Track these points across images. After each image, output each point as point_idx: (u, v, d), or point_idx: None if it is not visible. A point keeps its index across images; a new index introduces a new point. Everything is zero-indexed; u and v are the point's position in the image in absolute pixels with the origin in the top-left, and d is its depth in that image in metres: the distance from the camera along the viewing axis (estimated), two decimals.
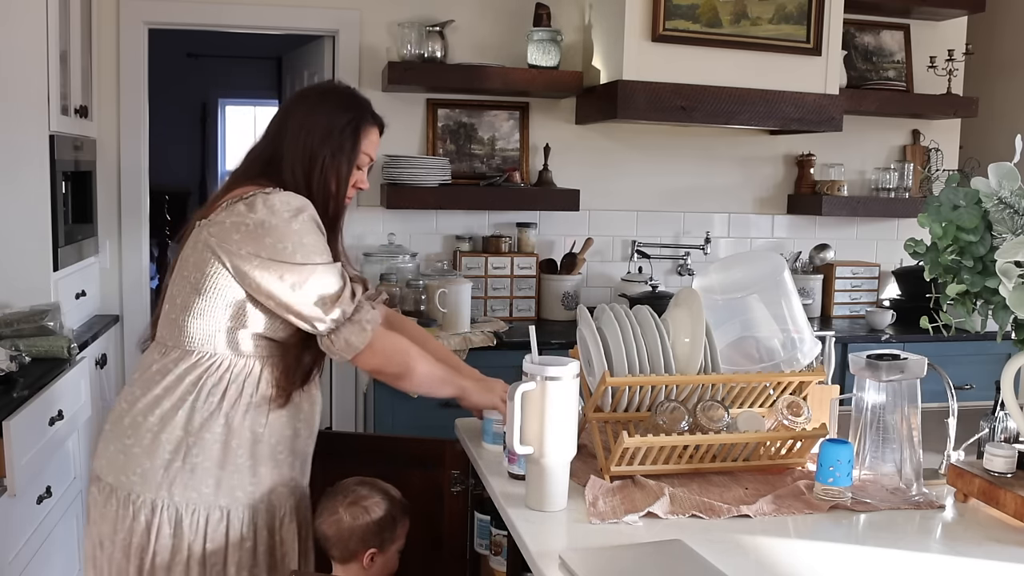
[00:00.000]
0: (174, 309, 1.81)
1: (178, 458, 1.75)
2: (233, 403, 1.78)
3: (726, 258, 3.02)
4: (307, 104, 1.90)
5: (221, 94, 8.06)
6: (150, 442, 1.76)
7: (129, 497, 1.76)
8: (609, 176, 3.94)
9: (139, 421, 1.77)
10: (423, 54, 3.56)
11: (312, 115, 1.85)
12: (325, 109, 1.86)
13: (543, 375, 1.63)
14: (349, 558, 1.86)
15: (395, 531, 1.90)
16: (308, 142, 1.83)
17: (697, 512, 1.66)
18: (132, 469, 1.76)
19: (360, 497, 1.87)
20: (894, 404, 1.77)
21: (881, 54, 4.16)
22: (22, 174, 2.91)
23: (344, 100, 1.91)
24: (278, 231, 1.72)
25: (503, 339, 3.29)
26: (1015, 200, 1.62)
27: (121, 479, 1.77)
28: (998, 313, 1.66)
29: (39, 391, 2.51)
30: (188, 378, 1.77)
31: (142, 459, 1.76)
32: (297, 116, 1.87)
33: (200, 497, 1.77)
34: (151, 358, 1.83)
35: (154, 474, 1.75)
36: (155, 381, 1.78)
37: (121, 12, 3.57)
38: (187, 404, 1.76)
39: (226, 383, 1.77)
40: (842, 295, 4.05)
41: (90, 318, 3.48)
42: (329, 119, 1.85)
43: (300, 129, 1.84)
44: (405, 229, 3.76)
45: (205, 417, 1.76)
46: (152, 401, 1.77)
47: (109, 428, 1.83)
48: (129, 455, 1.77)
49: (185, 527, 1.76)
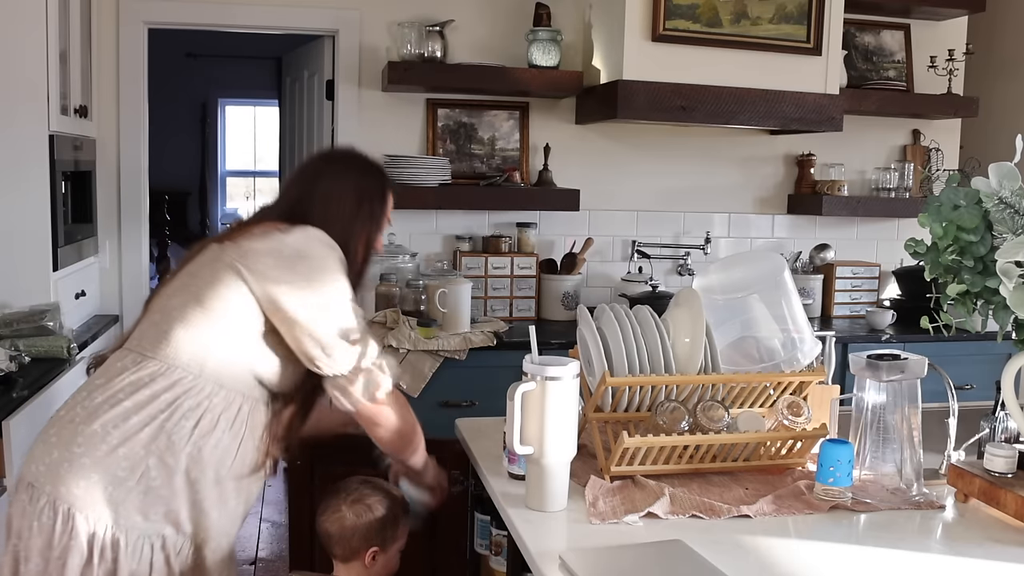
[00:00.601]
0: (166, 319, 1.71)
1: (132, 477, 1.62)
2: (204, 434, 1.67)
3: (726, 258, 3.02)
4: (334, 171, 1.92)
5: (221, 94, 8.07)
6: (104, 455, 1.62)
7: (69, 512, 1.61)
8: (609, 176, 3.94)
9: (96, 431, 1.63)
10: (423, 54, 3.56)
11: (340, 181, 1.88)
12: (352, 176, 1.90)
13: (543, 375, 1.63)
14: (351, 556, 1.86)
15: (397, 530, 1.90)
16: (339, 210, 1.85)
17: (697, 512, 1.66)
18: (75, 481, 1.61)
19: (363, 496, 1.87)
20: (894, 404, 1.77)
21: (881, 54, 4.16)
22: (22, 174, 2.91)
23: (368, 167, 1.95)
24: (314, 260, 1.72)
25: (503, 339, 3.29)
26: (1015, 200, 1.62)
27: (61, 490, 1.61)
28: (998, 313, 1.66)
29: (39, 391, 2.51)
30: (164, 396, 1.65)
31: (89, 471, 1.61)
32: (324, 182, 1.88)
33: (146, 523, 1.64)
34: (120, 365, 1.70)
35: (100, 490, 1.61)
36: (125, 392, 1.66)
37: (121, 12, 3.57)
38: (156, 422, 1.64)
39: (202, 411, 1.67)
40: (842, 295, 4.05)
41: (90, 318, 3.48)
42: (358, 187, 1.89)
43: (329, 197, 1.86)
44: (405, 229, 3.76)
45: (172, 440, 1.64)
46: (118, 414, 1.64)
47: (54, 432, 1.68)
48: (75, 465, 1.62)
49: (124, 554, 1.63)
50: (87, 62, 3.41)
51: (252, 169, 8.35)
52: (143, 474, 1.63)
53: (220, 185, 8.18)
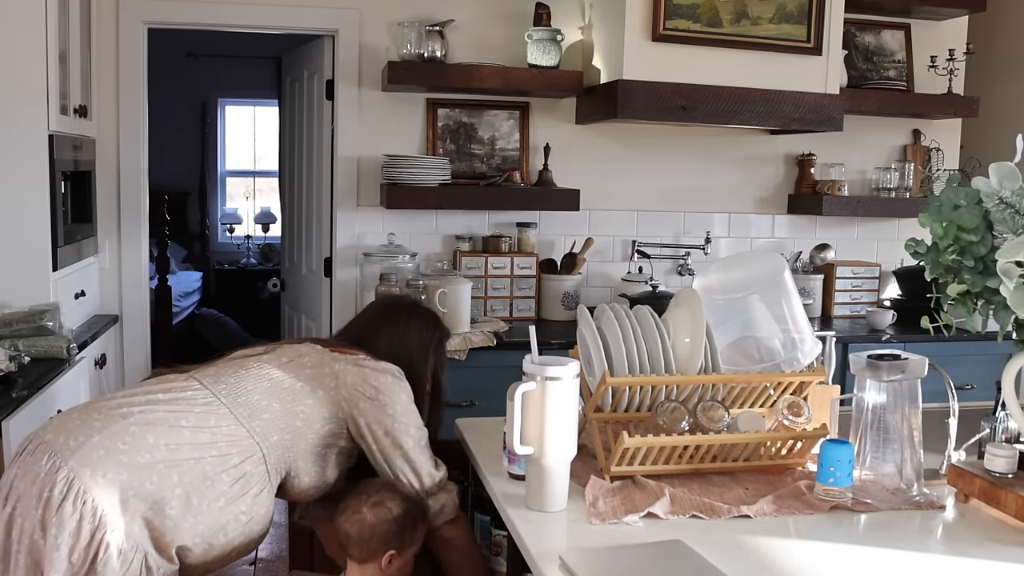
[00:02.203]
0: (265, 396, 1.86)
1: (155, 495, 1.68)
2: (233, 499, 1.77)
3: (726, 258, 3.02)
4: (391, 322, 2.12)
5: (221, 94, 8.05)
6: (143, 465, 1.68)
7: (83, 493, 1.63)
8: (609, 176, 3.94)
9: (148, 442, 1.71)
10: (423, 54, 3.56)
11: (403, 335, 2.10)
12: (414, 331, 2.12)
13: (543, 375, 1.63)
14: (368, 558, 1.86)
15: (415, 534, 1.89)
16: (403, 358, 2.04)
17: (697, 512, 1.66)
18: (103, 472, 1.65)
19: (384, 498, 1.87)
20: (895, 404, 1.77)
21: (882, 54, 4.16)
22: (22, 174, 2.91)
23: (429, 318, 2.18)
24: (402, 399, 1.94)
25: (503, 339, 3.29)
26: (1016, 200, 1.62)
27: (85, 472, 1.64)
28: (999, 313, 1.66)
29: (38, 391, 2.51)
30: (228, 453, 1.77)
31: (121, 470, 1.66)
32: (384, 334, 2.09)
33: (141, 537, 1.68)
34: (189, 395, 1.80)
35: (120, 491, 1.65)
36: (188, 423, 1.75)
37: (120, 11, 3.56)
38: (202, 464, 1.74)
39: (244, 477, 1.79)
40: (842, 295, 4.05)
41: (89, 318, 3.48)
42: (420, 339, 2.11)
43: (392, 347, 2.06)
44: (405, 229, 3.75)
45: (207, 486, 1.74)
46: (175, 440, 1.73)
47: (99, 418, 1.72)
48: (111, 458, 1.67)
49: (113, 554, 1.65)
50: (87, 62, 3.41)
51: (252, 169, 8.34)
52: (164, 498, 1.69)
53: (220, 185, 8.17)
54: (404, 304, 2.26)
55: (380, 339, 2.07)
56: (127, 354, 3.73)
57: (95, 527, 1.63)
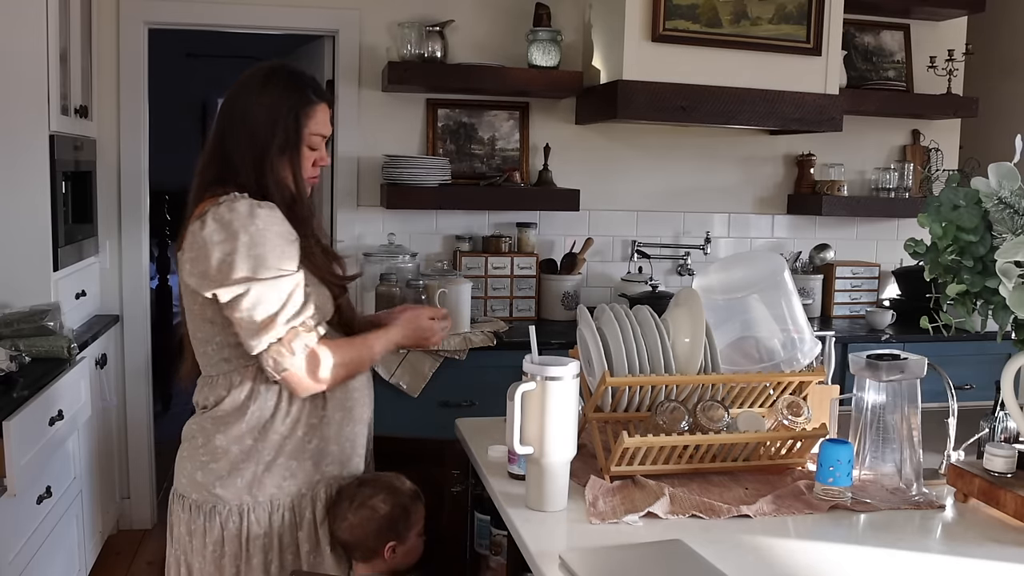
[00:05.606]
0: (197, 343, 1.85)
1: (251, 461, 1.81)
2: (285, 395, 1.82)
3: (726, 258, 3.02)
4: (247, 94, 1.81)
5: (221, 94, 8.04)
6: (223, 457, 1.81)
7: (215, 509, 1.81)
8: (609, 176, 3.94)
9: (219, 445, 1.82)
10: (423, 54, 3.56)
11: (253, 107, 1.79)
12: (265, 99, 1.79)
13: (543, 375, 1.63)
14: (371, 556, 1.87)
15: (409, 520, 1.89)
16: (253, 139, 1.77)
17: (697, 512, 1.66)
18: (210, 484, 1.81)
19: (366, 498, 1.87)
20: (894, 404, 1.77)
21: (881, 54, 4.16)
22: (22, 174, 2.91)
23: (283, 84, 1.81)
24: (223, 247, 1.69)
25: (503, 339, 3.29)
26: (1015, 200, 1.62)
27: (204, 495, 1.82)
28: (998, 313, 1.66)
29: (39, 391, 2.51)
30: (241, 396, 1.80)
31: (220, 473, 1.81)
32: (238, 109, 1.80)
33: (279, 490, 1.83)
34: (215, 393, 1.84)
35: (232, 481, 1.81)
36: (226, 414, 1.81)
37: (121, 12, 3.57)
38: (250, 414, 1.80)
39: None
40: (842, 295, 4.05)
41: (90, 318, 3.48)
42: (269, 110, 1.78)
43: (243, 124, 1.78)
44: (405, 229, 3.76)
45: (268, 417, 1.81)
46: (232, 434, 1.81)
47: (186, 447, 1.87)
48: (207, 471, 1.82)
49: (259, 520, 1.82)
50: (87, 62, 3.41)
51: None
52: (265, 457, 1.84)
53: None
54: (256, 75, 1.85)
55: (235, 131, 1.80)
56: (127, 354, 3.74)
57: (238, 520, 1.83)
